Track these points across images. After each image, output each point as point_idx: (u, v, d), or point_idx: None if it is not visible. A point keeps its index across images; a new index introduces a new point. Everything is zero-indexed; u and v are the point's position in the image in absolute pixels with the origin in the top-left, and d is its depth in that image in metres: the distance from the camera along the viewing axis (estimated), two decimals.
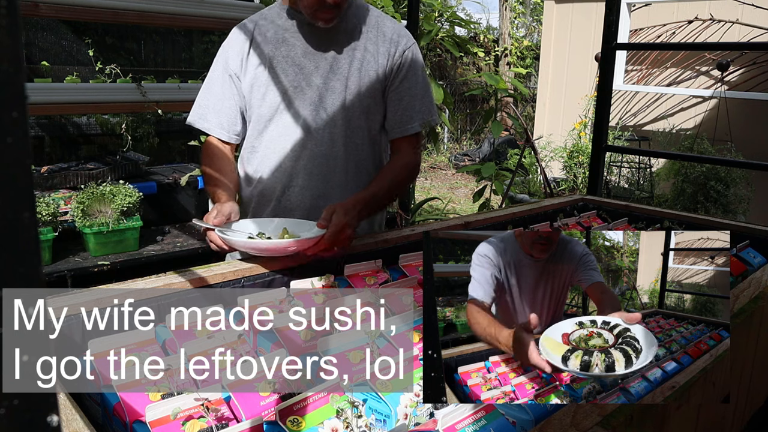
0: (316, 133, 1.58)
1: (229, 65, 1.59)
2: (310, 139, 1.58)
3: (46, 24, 3.46)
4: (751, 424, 1.57)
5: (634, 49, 6.48)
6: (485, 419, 0.89)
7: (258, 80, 1.57)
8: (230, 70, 1.59)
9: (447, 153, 10.05)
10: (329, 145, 1.58)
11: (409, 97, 1.62)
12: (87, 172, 2.86)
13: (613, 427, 0.89)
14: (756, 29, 5.48)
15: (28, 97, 0.32)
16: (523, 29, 12.11)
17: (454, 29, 4.36)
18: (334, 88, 1.56)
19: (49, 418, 0.33)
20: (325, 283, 1.29)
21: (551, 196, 4.80)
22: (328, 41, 1.57)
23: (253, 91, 1.58)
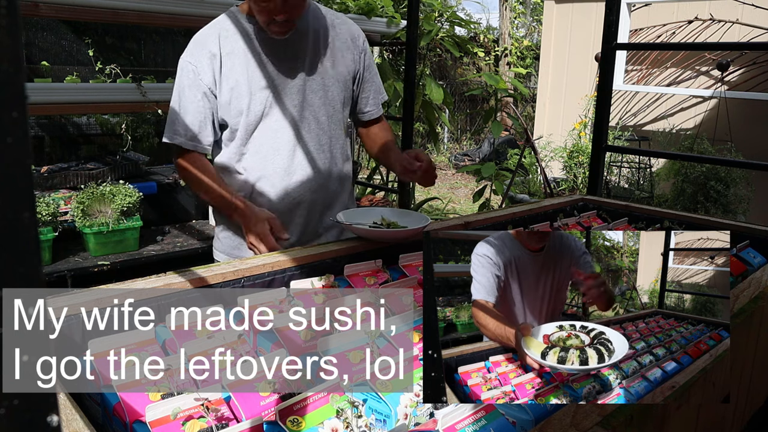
0: (306, 132, 1.65)
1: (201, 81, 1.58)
2: (300, 138, 1.65)
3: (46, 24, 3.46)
4: (751, 424, 1.57)
5: (634, 49, 6.48)
6: (485, 419, 0.89)
7: (237, 91, 1.59)
8: (203, 87, 1.59)
9: (447, 153, 10.05)
10: (317, 141, 1.67)
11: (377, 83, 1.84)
12: (87, 172, 2.86)
13: (613, 427, 0.89)
14: (756, 29, 5.48)
15: (28, 97, 0.32)
16: (523, 29, 12.11)
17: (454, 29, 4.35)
18: (314, 87, 1.64)
19: (49, 418, 0.33)
20: (325, 283, 1.29)
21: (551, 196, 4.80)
22: (296, 43, 1.62)
23: (232, 102, 1.59)
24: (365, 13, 3.49)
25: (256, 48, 1.60)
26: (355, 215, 1.62)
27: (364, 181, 4.50)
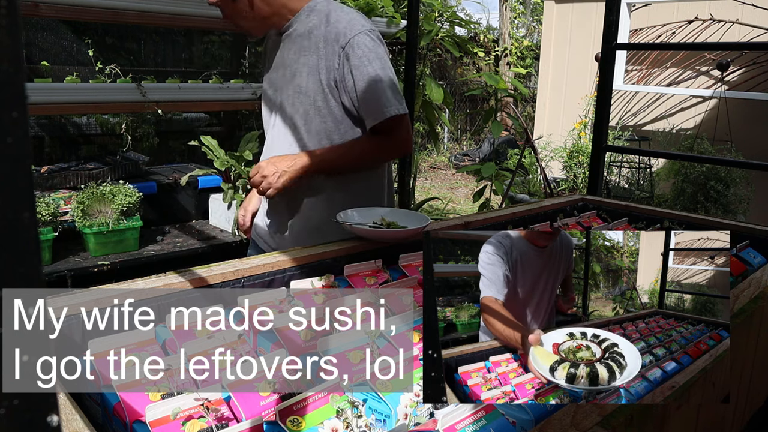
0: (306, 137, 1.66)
1: None
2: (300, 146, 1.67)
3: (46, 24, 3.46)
4: (751, 424, 1.57)
5: (634, 49, 6.48)
6: (485, 419, 0.89)
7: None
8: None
9: (447, 153, 10.05)
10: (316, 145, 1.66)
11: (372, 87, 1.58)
12: (87, 172, 2.86)
13: (613, 427, 0.89)
14: (756, 29, 5.48)
15: (28, 97, 0.32)
16: (523, 29, 12.11)
17: (454, 29, 4.35)
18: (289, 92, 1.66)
19: (49, 418, 0.33)
20: (325, 283, 1.29)
21: (551, 196, 4.80)
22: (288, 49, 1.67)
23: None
24: (365, 13, 3.49)
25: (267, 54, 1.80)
26: (355, 215, 1.62)
27: None
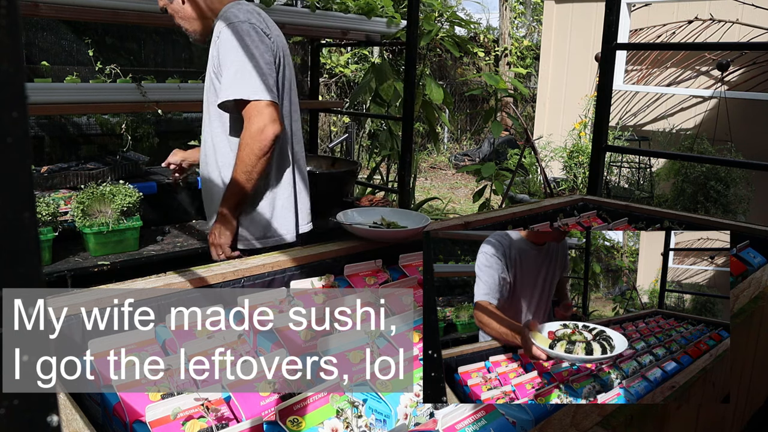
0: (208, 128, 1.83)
1: None
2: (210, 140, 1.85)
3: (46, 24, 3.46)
4: (751, 424, 1.57)
5: (634, 49, 6.48)
6: (485, 419, 0.89)
7: None
8: None
9: (447, 153, 10.05)
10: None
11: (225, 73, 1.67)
12: (87, 172, 2.85)
13: (613, 427, 0.89)
14: (756, 29, 5.48)
15: (28, 97, 0.32)
16: (523, 29, 12.11)
17: (454, 29, 4.35)
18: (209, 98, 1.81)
19: (49, 418, 0.33)
20: (325, 283, 1.29)
21: (551, 196, 4.80)
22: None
23: None
24: (365, 13, 3.49)
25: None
26: (355, 215, 1.62)
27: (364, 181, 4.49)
